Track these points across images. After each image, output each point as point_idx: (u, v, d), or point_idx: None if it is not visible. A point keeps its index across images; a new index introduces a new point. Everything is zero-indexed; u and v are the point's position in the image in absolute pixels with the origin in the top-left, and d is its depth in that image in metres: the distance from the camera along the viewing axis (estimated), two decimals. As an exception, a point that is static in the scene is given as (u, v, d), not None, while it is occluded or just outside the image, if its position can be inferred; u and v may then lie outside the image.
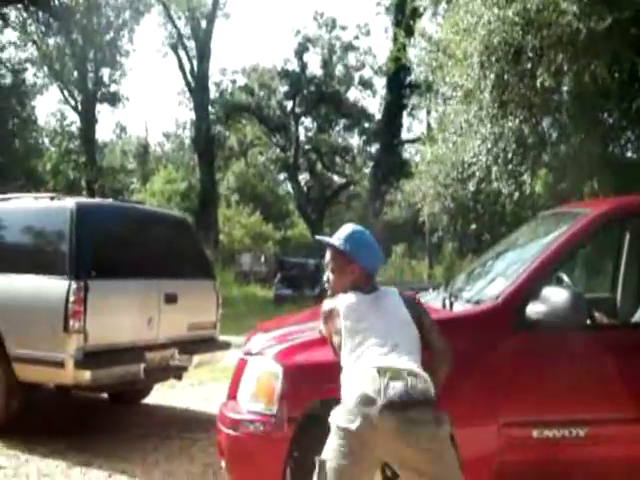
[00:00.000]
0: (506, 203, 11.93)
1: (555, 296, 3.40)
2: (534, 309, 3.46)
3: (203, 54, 34.44)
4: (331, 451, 2.75)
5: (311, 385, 3.51)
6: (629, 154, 11.92)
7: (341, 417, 2.74)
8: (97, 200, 7.64)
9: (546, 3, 9.25)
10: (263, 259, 25.76)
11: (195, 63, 35.16)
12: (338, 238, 3.24)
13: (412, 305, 3.16)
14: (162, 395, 7.66)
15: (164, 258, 6.60)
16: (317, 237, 3.65)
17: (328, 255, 3.28)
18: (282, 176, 46.10)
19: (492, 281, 4.06)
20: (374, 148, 38.36)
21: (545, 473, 3.50)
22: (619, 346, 3.63)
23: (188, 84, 36.04)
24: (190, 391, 8.10)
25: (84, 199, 6.79)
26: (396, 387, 2.67)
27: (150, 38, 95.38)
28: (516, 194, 11.17)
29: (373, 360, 2.82)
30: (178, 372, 6.57)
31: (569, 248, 3.76)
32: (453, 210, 13.46)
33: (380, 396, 2.65)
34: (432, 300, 4.30)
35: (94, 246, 5.98)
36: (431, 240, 17.48)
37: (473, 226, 13.46)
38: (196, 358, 6.53)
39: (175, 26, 36.08)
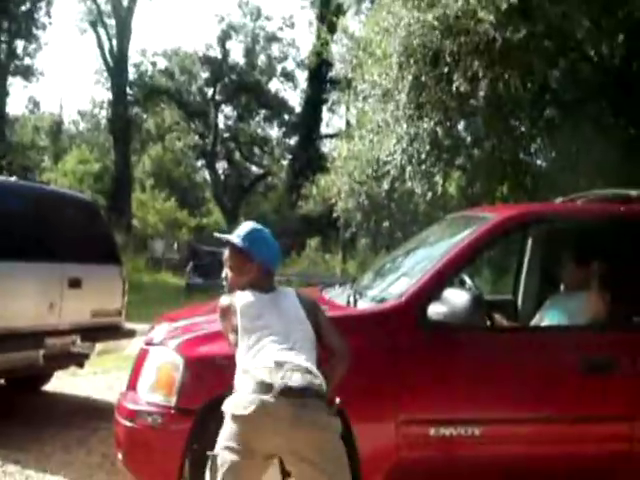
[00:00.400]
0: (419, 202, 12.12)
1: (455, 298, 3.49)
2: (435, 310, 3.53)
3: (123, 33, 33.73)
4: (222, 443, 2.76)
5: (212, 377, 3.49)
6: (538, 162, 12.34)
7: (235, 404, 2.75)
8: None
9: (465, 10, 9.45)
10: (176, 246, 25.35)
11: (114, 42, 34.33)
12: (237, 235, 3.23)
13: (309, 305, 3.17)
14: (63, 383, 7.45)
15: (69, 241, 6.40)
16: (216, 234, 3.62)
17: (227, 252, 3.28)
18: (199, 163, 45.60)
19: (397, 280, 4.12)
20: (293, 140, 38.50)
21: (441, 470, 3.57)
22: (516, 348, 3.74)
23: (106, 63, 35.23)
24: (93, 379, 7.91)
25: (-15, 176, 6.53)
26: (293, 377, 2.72)
27: (69, 13, 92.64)
28: (429, 194, 11.35)
29: (271, 356, 2.83)
30: (80, 359, 6.41)
31: (472, 251, 3.86)
32: (367, 207, 13.57)
33: (276, 383, 2.69)
34: (337, 296, 4.33)
35: (-7, 226, 5.77)
36: (345, 235, 17.59)
37: (386, 223, 13.62)
38: (99, 345, 6.39)
39: (95, 2, 35.14)
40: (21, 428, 5.80)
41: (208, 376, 3.49)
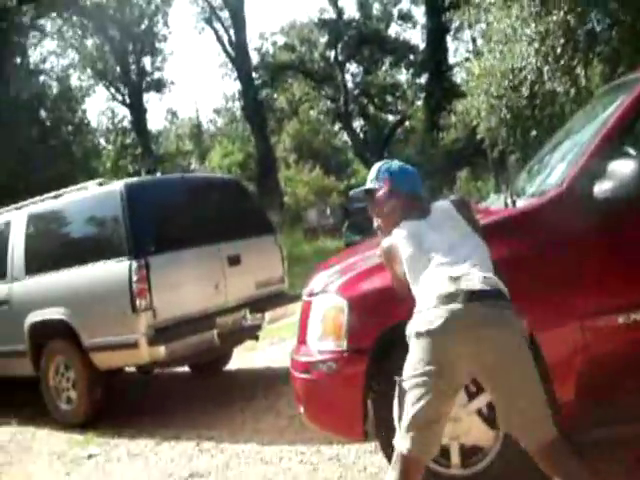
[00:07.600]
0: (564, 102, 11.30)
1: (621, 169, 3.05)
2: (601, 187, 3.10)
3: (238, 22, 34.04)
4: (409, 369, 2.64)
5: (378, 313, 3.34)
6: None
7: (420, 322, 2.64)
8: (145, 177, 7.58)
9: None
10: (329, 211, 25.46)
11: (232, 32, 34.81)
12: (370, 181, 3.16)
13: (463, 207, 3.01)
14: (244, 360, 7.58)
15: (220, 221, 6.50)
16: (350, 193, 3.54)
17: (369, 203, 3.18)
18: (336, 127, 45.62)
19: (553, 169, 3.74)
20: (423, 78, 37.38)
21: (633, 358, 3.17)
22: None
23: (229, 55, 35.87)
24: (271, 350, 7.95)
25: (132, 179, 6.69)
26: (473, 281, 2.60)
27: (184, 17, 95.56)
28: (572, 91, 10.58)
29: (444, 274, 2.69)
30: (253, 332, 6.50)
31: (630, 117, 3.33)
32: (510, 120, 12.82)
33: (459, 290, 2.57)
34: (493, 203, 4.03)
35: (149, 222, 5.95)
36: (493, 156, 16.78)
37: (534, 132, 12.76)
38: (268, 315, 6.43)
39: (206, 0, 35.81)
40: (211, 408, 5.98)
41: (374, 312, 3.35)
